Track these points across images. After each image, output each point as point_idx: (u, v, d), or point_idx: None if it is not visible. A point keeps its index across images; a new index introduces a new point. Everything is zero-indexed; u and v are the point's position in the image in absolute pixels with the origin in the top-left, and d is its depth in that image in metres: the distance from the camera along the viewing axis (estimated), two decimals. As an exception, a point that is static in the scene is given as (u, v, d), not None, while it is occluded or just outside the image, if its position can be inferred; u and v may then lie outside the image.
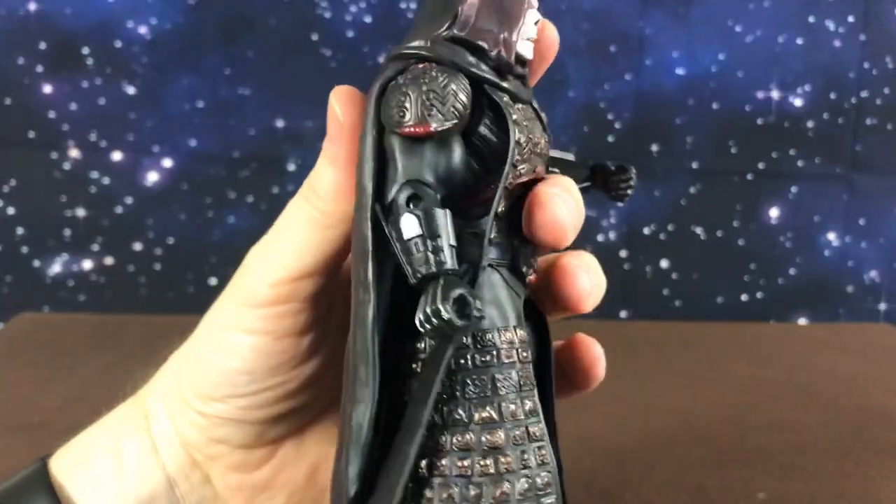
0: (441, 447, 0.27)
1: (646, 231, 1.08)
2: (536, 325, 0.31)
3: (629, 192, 0.34)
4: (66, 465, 0.34)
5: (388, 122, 0.27)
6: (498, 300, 0.28)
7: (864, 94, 1.07)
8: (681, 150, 1.07)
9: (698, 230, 1.09)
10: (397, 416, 0.27)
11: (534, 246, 0.30)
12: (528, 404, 0.28)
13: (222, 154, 1.03)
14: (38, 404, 0.61)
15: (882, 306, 1.12)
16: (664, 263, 1.09)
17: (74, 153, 1.02)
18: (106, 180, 1.03)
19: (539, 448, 0.27)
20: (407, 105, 0.26)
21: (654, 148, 1.06)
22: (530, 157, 0.28)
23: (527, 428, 0.27)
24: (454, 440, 0.27)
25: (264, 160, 1.03)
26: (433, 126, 0.26)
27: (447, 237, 0.26)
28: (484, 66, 0.27)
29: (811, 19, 1.05)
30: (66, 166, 1.02)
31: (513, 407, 0.27)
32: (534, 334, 0.30)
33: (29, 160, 1.01)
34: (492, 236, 0.28)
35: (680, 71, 1.05)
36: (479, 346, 0.28)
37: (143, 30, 1.00)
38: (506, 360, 0.28)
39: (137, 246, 1.04)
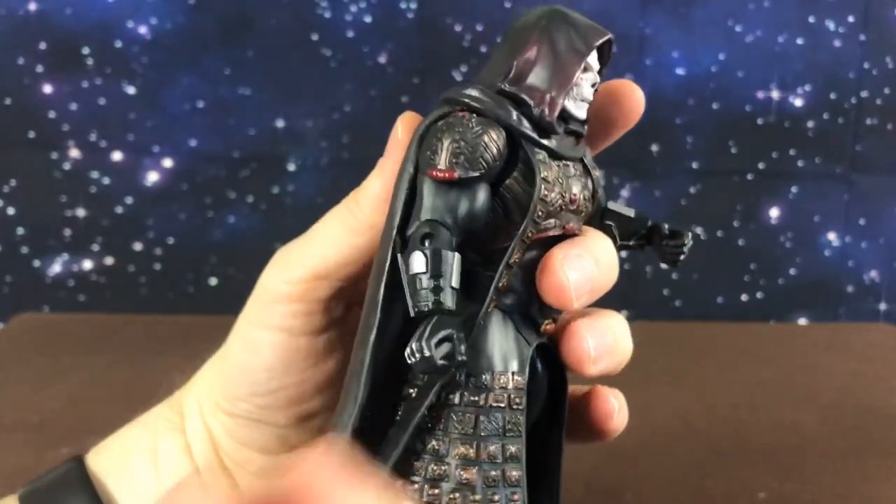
0: (416, 471, 0.28)
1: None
2: (552, 370, 0.31)
3: (681, 257, 0.35)
4: (104, 462, 0.34)
5: (422, 162, 0.28)
6: (502, 345, 0.29)
7: (864, 94, 1.07)
8: (681, 150, 1.07)
9: (698, 230, 1.09)
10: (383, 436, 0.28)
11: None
12: (511, 449, 0.28)
13: (222, 154, 1.03)
14: (38, 404, 0.61)
15: (882, 306, 1.12)
16: (664, 263, 1.09)
17: (74, 153, 1.02)
18: (106, 180, 1.03)
19: (513, 493, 0.28)
20: (439, 150, 0.28)
21: (654, 148, 1.06)
22: (559, 213, 0.29)
23: (503, 472, 0.28)
24: (430, 468, 0.28)
25: (264, 160, 1.03)
26: (458, 173, 0.27)
27: (450, 279, 0.27)
28: (525, 123, 0.28)
29: (811, 19, 1.05)
30: (66, 166, 1.02)
31: (492, 448, 0.28)
32: (548, 378, 0.31)
33: (29, 160, 1.01)
34: (502, 284, 0.28)
35: (680, 71, 1.05)
36: (471, 386, 0.29)
37: (143, 30, 1.00)
38: (493, 404, 0.28)
39: (137, 246, 1.04)
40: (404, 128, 0.30)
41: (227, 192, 1.03)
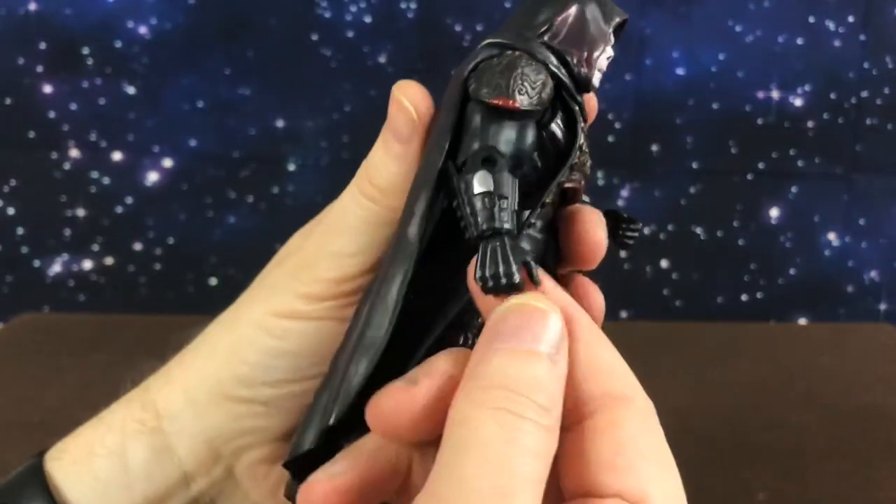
0: None
1: (646, 231, 1.08)
2: None
3: (632, 242, 0.35)
4: (63, 465, 0.32)
5: (476, 92, 0.28)
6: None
7: (864, 94, 1.07)
8: (681, 150, 1.07)
9: (698, 230, 1.09)
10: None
11: (558, 251, 0.31)
12: None
13: (222, 154, 1.03)
14: (38, 404, 0.61)
15: (882, 306, 1.12)
16: (664, 263, 1.09)
17: (74, 153, 1.02)
18: (106, 180, 1.03)
19: None
20: (500, 81, 0.28)
21: (654, 148, 1.06)
22: (582, 169, 0.30)
23: None
24: None
25: (264, 160, 1.03)
26: (519, 103, 0.28)
27: (513, 202, 0.27)
28: (565, 72, 0.29)
29: (811, 19, 1.05)
30: (66, 166, 1.02)
31: None
32: None
33: (29, 160, 1.01)
34: (532, 223, 0.29)
35: (680, 71, 1.05)
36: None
37: (143, 30, 1.00)
38: None
39: (137, 246, 1.04)
40: (418, 103, 0.30)
41: (227, 192, 1.03)
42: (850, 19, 1.05)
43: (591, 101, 0.32)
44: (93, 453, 0.33)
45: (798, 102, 1.07)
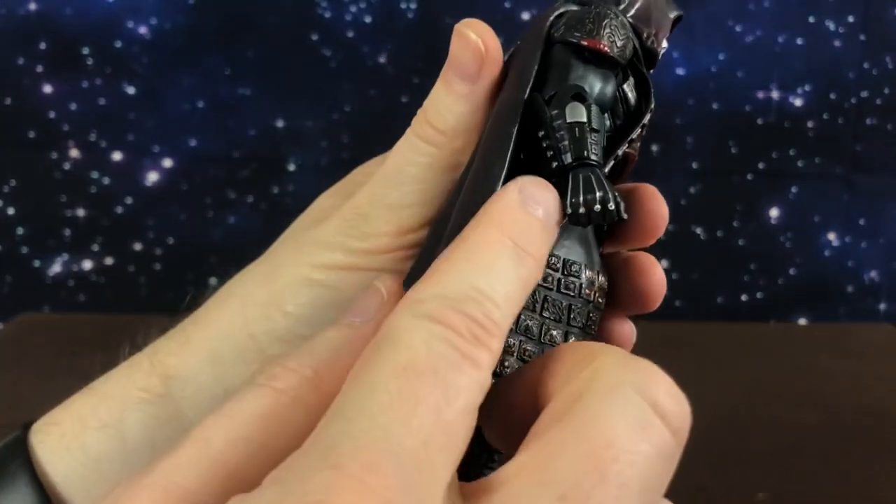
0: (508, 347, 0.27)
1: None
2: None
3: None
4: (50, 438, 0.30)
5: (566, 33, 0.28)
6: (586, 241, 0.29)
7: (864, 94, 1.07)
8: (681, 150, 1.07)
9: (698, 230, 1.09)
10: None
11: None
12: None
13: (222, 154, 1.03)
14: (38, 404, 0.61)
15: (882, 306, 1.12)
16: (664, 263, 1.09)
17: (74, 153, 1.02)
18: (106, 180, 1.02)
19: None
20: (591, 26, 0.28)
21: (654, 148, 1.06)
22: (639, 142, 0.31)
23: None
24: (520, 346, 0.28)
25: (264, 160, 1.03)
26: (609, 48, 0.28)
27: (603, 139, 0.27)
28: (638, 41, 0.30)
29: (811, 19, 1.05)
30: (66, 166, 1.02)
31: (573, 340, 0.28)
32: None
33: (29, 160, 1.01)
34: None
35: (680, 71, 1.05)
36: (565, 273, 0.28)
37: (143, 30, 1.00)
38: (583, 296, 0.28)
39: (137, 246, 1.04)
40: (486, 39, 0.29)
41: (227, 192, 1.03)
42: (850, 19, 1.05)
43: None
44: (85, 426, 0.30)
45: (798, 102, 1.07)
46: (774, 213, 1.10)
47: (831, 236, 1.10)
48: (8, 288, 1.04)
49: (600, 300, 0.29)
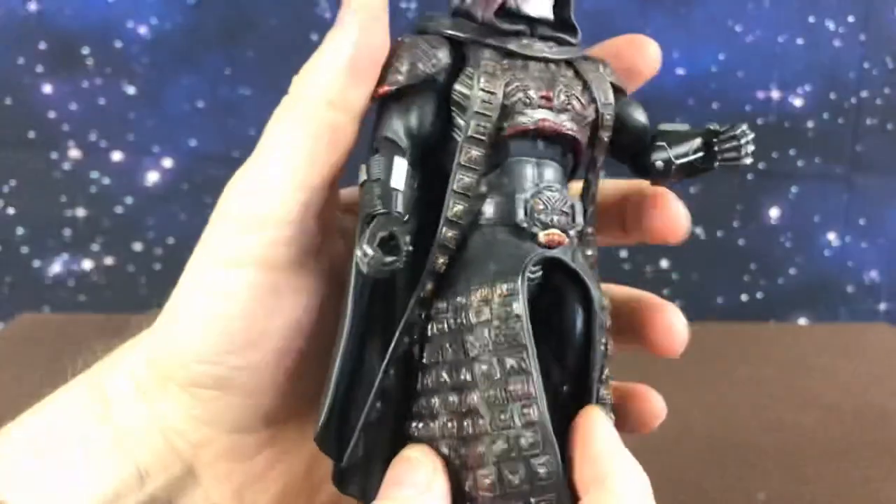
0: (424, 411, 0.28)
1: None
2: (576, 289, 0.29)
3: (749, 149, 0.31)
4: (5, 459, 0.29)
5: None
6: (482, 260, 0.28)
7: (864, 94, 1.07)
8: (681, 150, 1.07)
9: (698, 230, 1.09)
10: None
11: (568, 197, 0.30)
12: (510, 362, 0.26)
13: (222, 154, 1.03)
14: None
15: (882, 306, 1.12)
16: (664, 263, 1.09)
17: (74, 153, 1.01)
18: (106, 180, 1.02)
19: (523, 407, 0.26)
20: (381, 74, 0.29)
21: (654, 148, 1.06)
22: (524, 109, 0.29)
23: (505, 388, 0.26)
24: (434, 401, 0.27)
25: (264, 160, 1.03)
26: (388, 87, 0.29)
27: (387, 181, 0.27)
28: (468, 28, 0.29)
29: (811, 19, 1.05)
30: (66, 166, 1.02)
31: (485, 367, 0.26)
32: (573, 298, 0.29)
33: (29, 160, 1.01)
34: (455, 188, 0.28)
35: (680, 71, 1.05)
36: (451, 309, 0.28)
37: (143, 30, 1.00)
38: (474, 320, 0.27)
39: (137, 246, 1.04)
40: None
41: (227, 192, 1.03)
42: (850, 19, 1.05)
43: (644, 48, 0.32)
44: (29, 450, 0.29)
45: (798, 102, 1.07)
46: (774, 213, 1.10)
47: (831, 236, 1.10)
48: (8, 288, 1.04)
49: (506, 310, 0.27)
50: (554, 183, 0.29)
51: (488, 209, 0.29)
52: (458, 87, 0.29)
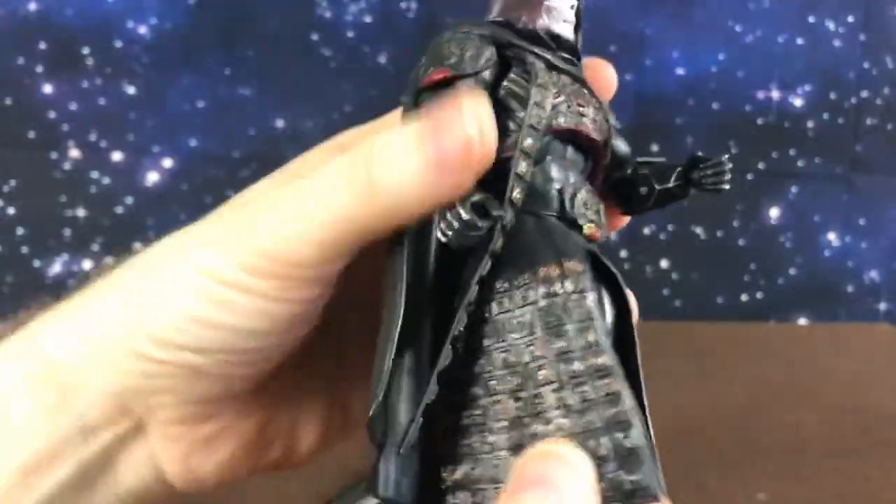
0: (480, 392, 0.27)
1: (646, 231, 1.08)
2: (612, 292, 0.29)
3: (726, 178, 0.33)
4: None
5: (416, 84, 0.29)
6: (538, 242, 0.28)
7: (864, 94, 1.07)
8: (681, 150, 1.07)
9: (698, 230, 1.09)
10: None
11: (598, 198, 0.30)
12: (587, 338, 0.26)
13: (222, 154, 1.03)
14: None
15: (882, 306, 1.12)
16: (664, 263, 1.09)
17: (74, 153, 1.02)
18: (106, 180, 1.02)
19: (604, 382, 0.26)
20: (429, 62, 0.29)
21: (654, 148, 1.06)
22: (567, 112, 0.29)
23: (584, 362, 0.26)
24: (493, 383, 0.26)
25: (264, 160, 1.03)
26: (448, 70, 0.28)
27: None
28: (510, 33, 0.30)
29: (811, 19, 1.05)
30: (66, 166, 1.02)
31: (561, 343, 0.26)
32: (611, 301, 0.28)
33: (29, 160, 1.01)
34: (518, 171, 0.27)
35: (680, 71, 1.05)
36: (514, 287, 0.27)
37: (143, 30, 1.00)
38: (541, 298, 0.26)
39: (137, 246, 1.04)
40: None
41: (227, 192, 1.03)
42: (850, 19, 1.05)
43: (603, 70, 0.33)
44: None
45: (798, 102, 1.07)
46: (774, 213, 1.10)
47: (831, 236, 1.10)
48: (8, 288, 1.04)
49: (574, 286, 0.27)
50: (585, 184, 0.30)
51: (534, 199, 0.29)
52: (510, 84, 0.29)
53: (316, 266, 0.26)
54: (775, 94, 1.07)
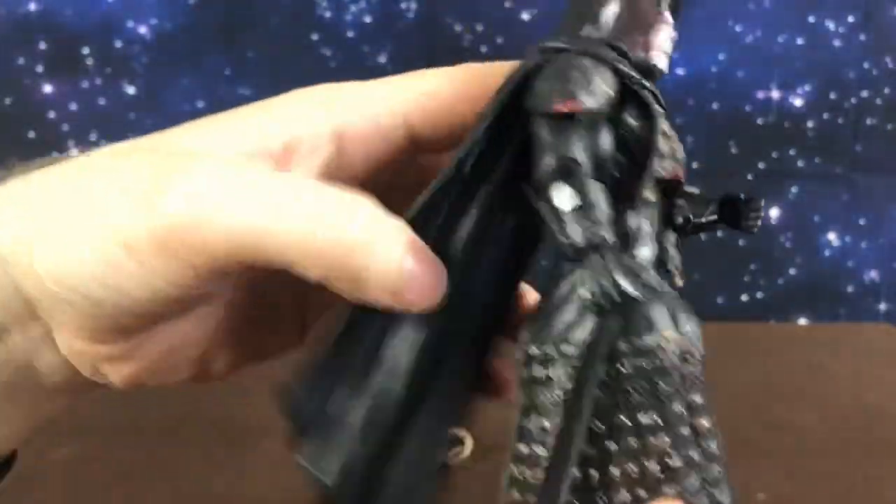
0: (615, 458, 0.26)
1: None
2: None
3: (759, 221, 0.33)
4: None
5: (534, 104, 0.27)
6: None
7: (864, 94, 1.07)
8: (681, 150, 1.07)
9: (698, 230, 1.09)
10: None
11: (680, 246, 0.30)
12: (695, 399, 0.27)
13: (222, 154, 1.03)
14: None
15: (882, 306, 1.12)
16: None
17: (74, 153, 1.01)
18: (106, 180, 1.02)
19: (708, 443, 0.26)
20: (557, 86, 0.26)
21: (654, 148, 1.06)
22: (672, 157, 0.29)
23: (691, 426, 0.26)
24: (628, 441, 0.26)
25: (264, 160, 1.03)
26: (583, 103, 0.26)
27: (604, 209, 0.26)
28: (628, 65, 0.28)
29: (811, 19, 1.05)
30: (66, 166, 1.02)
31: (676, 407, 0.26)
32: None
33: (29, 160, 1.01)
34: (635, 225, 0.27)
35: (680, 71, 1.05)
36: (631, 351, 0.27)
37: (143, 30, 1.00)
38: (667, 363, 0.27)
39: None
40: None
41: (227, 192, 1.03)
42: (850, 19, 1.05)
43: None
44: None
45: (798, 102, 1.07)
46: (774, 213, 1.10)
47: (831, 236, 1.10)
48: (8, 288, 1.04)
49: (690, 353, 0.28)
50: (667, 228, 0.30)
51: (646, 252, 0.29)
52: (629, 123, 0.28)
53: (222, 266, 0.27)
54: (775, 94, 1.07)
